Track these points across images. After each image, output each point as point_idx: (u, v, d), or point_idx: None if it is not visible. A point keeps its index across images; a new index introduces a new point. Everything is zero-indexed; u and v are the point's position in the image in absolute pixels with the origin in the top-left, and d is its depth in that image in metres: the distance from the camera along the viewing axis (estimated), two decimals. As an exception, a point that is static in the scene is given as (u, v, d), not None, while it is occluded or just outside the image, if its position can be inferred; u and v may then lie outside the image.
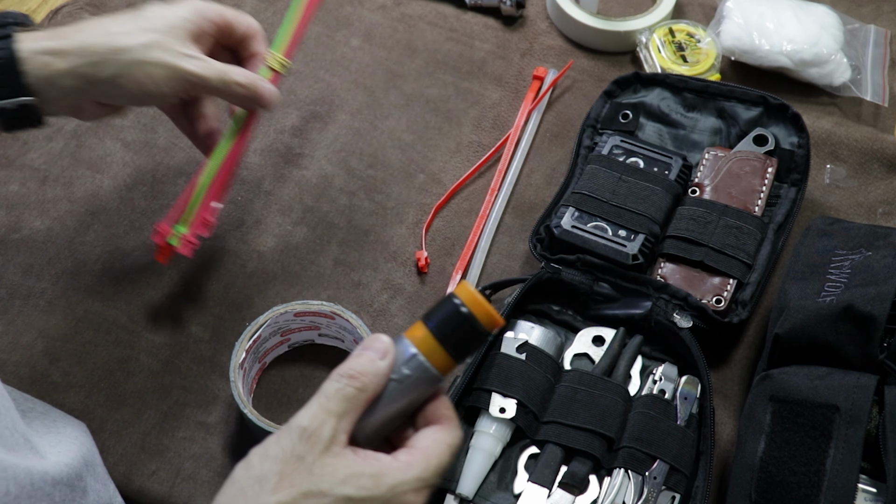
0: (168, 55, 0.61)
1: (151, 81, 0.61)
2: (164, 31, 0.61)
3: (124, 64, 0.60)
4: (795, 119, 0.79)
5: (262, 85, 0.66)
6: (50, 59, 0.59)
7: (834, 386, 0.59)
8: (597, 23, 0.92)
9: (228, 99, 0.66)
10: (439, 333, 0.49)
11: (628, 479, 0.64)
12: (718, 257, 0.72)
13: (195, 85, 0.62)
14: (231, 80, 0.64)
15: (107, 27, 0.61)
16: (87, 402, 0.70)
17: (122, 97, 0.63)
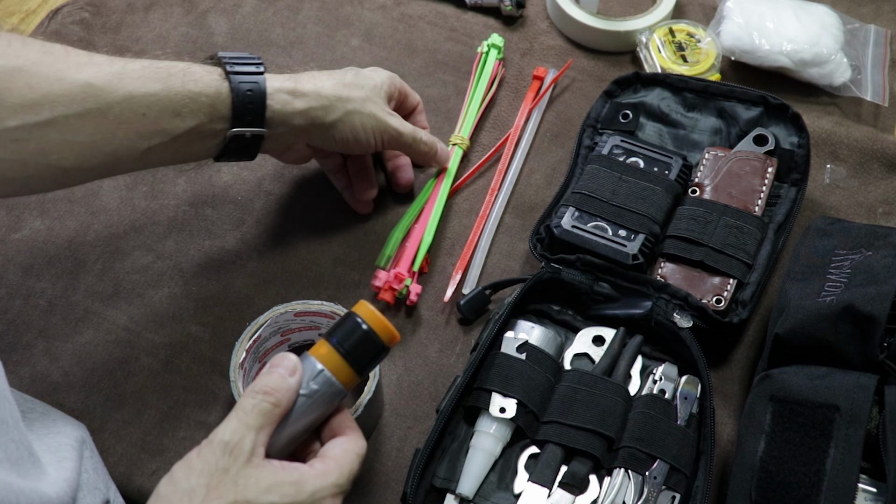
0: (378, 110, 0.71)
1: (363, 129, 0.71)
2: (372, 89, 0.72)
3: (346, 112, 0.69)
4: (795, 119, 0.79)
5: (441, 146, 0.79)
6: (289, 98, 0.67)
7: (834, 386, 0.59)
8: (597, 23, 0.92)
9: (411, 153, 0.77)
10: (342, 349, 0.53)
11: (628, 478, 0.64)
12: (718, 257, 0.72)
13: (392, 138, 0.73)
14: (419, 139, 0.75)
15: (334, 78, 0.70)
16: (87, 402, 0.70)
17: (335, 141, 0.70)
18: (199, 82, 0.62)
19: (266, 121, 0.65)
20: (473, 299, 0.75)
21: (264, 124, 0.65)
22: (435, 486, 0.65)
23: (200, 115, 0.62)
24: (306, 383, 0.53)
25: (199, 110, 0.62)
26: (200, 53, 0.91)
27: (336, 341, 0.53)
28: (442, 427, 0.64)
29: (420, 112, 0.82)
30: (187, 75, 0.62)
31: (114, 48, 0.91)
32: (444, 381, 0.72)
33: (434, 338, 0.75)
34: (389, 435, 0.70)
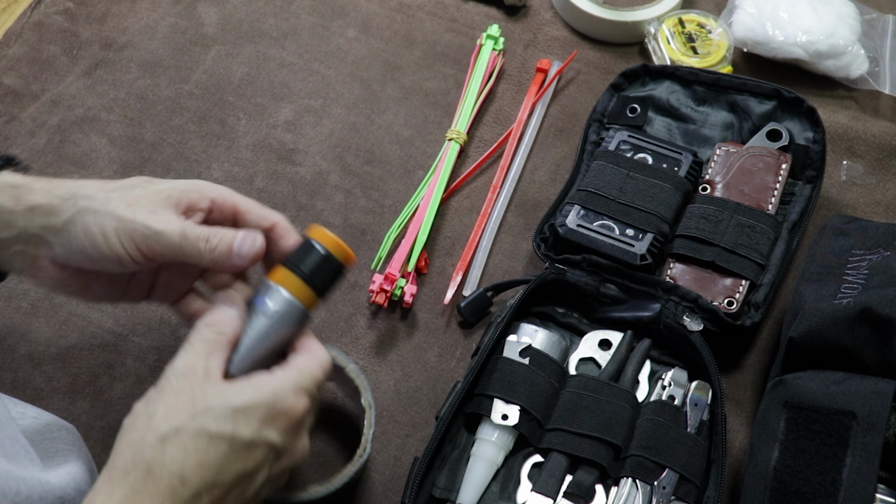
0: (126, 209, 0.55)
1: (100, 232, 0.55)
2: (140, 190, 0.57)
3: (78, 210, 0.55)
4: (811, 113, 0.79)
5: (231, 236, 0.57)
6: (15, 193, 0.56)
7: (851, 392, 0.59)
8: (603, 13, 0.92)
9: (198, 260, 0.57)
10: (299, 270, 0.57)
11: (636, 488, 0.64)
12: (730, 257, 0.72)
13: (150, 240, 0.55)
14: (191, 234, 0.56)
15: (84, 179, 0.58)
16: (72, 408, 0.70)
17: (73, 250, 0.56)
18: None
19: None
20: (474, 301, 0.75)
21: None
22: (434, 497, 0.65)
23: None
24: (266, 306, 0.56)
25: None
26: (190, 45, 0.91)
27: (292, 264, 0.57)
28: (442, 435, 0.64)
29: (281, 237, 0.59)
30: None
31: (100, 40, 0.91)
32: (444, 386, 0.72)
33: (433, 342, 0.75)
34: (387, 443, 0.70)
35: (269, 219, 0.60)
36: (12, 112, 0.86)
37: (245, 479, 0.50)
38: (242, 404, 0.50)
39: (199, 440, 0.49)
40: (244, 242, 0.57)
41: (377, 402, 0.72)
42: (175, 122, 0.86)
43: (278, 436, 0.51)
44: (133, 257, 0.56)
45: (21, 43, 0.91)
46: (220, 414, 0.49)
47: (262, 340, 0.55)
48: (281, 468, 0.53)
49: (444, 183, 0.81)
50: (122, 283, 0.61)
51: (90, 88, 0.88)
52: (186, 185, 0.59)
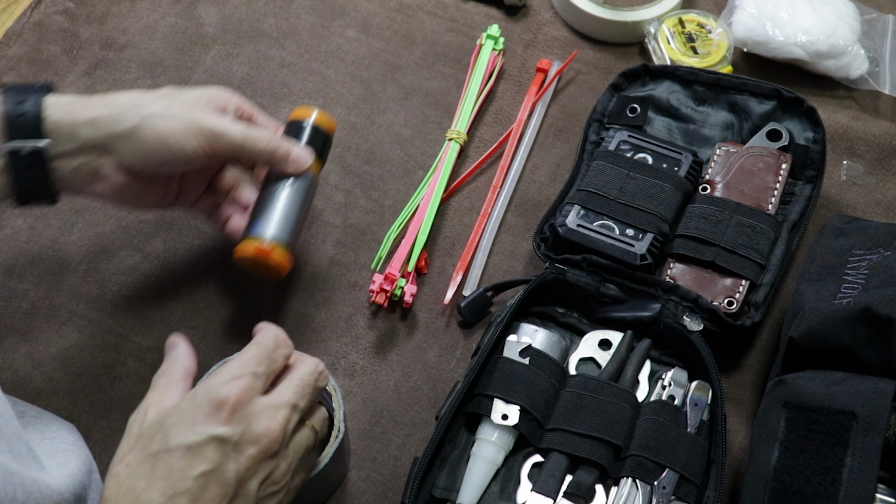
0: (190, 112, 0.63)
1: (171, 133, 0.62)
2: (184, 97, 0.65)
3: (144, 117, 0.62)
4: (811, 113, 0.79)
5: (289, 145, 0.68)
6: (74, 107, 0.61)
7: (851, 391, 0.59)
8: (603, 13, 0.92)
9: (251, 155, 0.67)
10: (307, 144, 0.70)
11: (636, 488, 0.64)
12: (730, 257, 0.72)
13: (217, 138, 0.64)
14: (253, 137, 0.65)
15: (129, 111, 0.62)
16: (72, 408, 0.70)
17: (145, 155, 0.63)
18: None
19: (47, 133, 0.60)
20: (474, 301, 0.75)
21: (41, 135, 0.60)
22: (434, 497, 0.65)
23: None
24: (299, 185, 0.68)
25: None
26: (190, 45, 0.91)
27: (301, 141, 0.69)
28: (442, 435, 0.64)
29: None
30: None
31: (100, 39, 0.91)
32: (444, 386, 0.72)
33: (433, 342, 0.75)
34: (387, 443, 0.70)
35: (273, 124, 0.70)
36: (12, 112, 0.86)
37: (215, 479, 0.49)
38: (174, 417, 0.51)
39: (144, 463, 0.49)
40: (300, 156, 0.68)
41: (377, 402, 0.72)
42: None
43: (226, 428, 0.50)
44: (201, 154, 0.64)
45: (21, 43, 0.91)
46: (157, 433, 0.50)
47: (288, 205, 0.67)
48: (253, 459, 0.51)
49: (444, 183, 0.81)
50: (172, 189, 0.69)
51: (90, 88, 0.88)
52: (213, 91, 0.67)
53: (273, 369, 0.55)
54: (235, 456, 0.50)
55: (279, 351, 0.55)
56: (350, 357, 0.74)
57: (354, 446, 0.70)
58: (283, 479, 0.53)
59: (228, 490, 0.50)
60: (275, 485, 0.53)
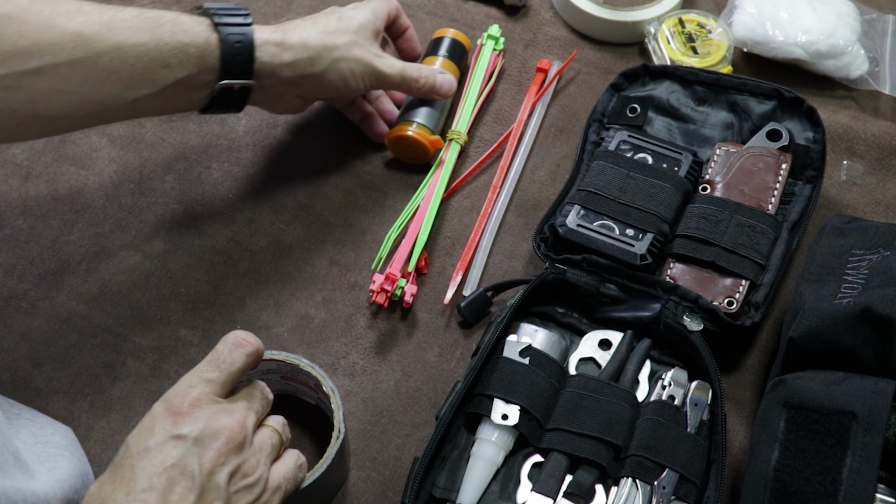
0: (365, 53, 0.75)
1: (352, 75, 0.75)
2: (357, 31, 0.75)
3: (333, 60, 0.73)
4: (811, 113, 0.79)
5: (434, 76, 0.81)
6: (277, 51, 0.70)
7: (851, 391, 0.59)
8: (603, 13, 0.92)
9: (407, 90, 0.80)
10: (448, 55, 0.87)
11: (636, 488, 0.64)
12: (730, 257, 0.72)
13: (380, 79, 0.77)
14: (409, 76, 0.78)
15: (319, 26, 0.74)
16: (72, 408, 0.70)
17: (325, 89, 0.75)
18: (188, 33, 0.65)
19: (254, 73, 0.69)
20: (474, 301, 0.75)
21: (252, 76, 0.69)
22: (434, 496, 0.65)
23: (189, 67, 0.65)
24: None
25: (188, 61, 0.65)
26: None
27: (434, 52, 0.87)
28: (442, 434, 0.64)
29: (409, 38, 0.86)
30: (176, 26, 0.64)
31: None
32: (444, 386, 0.72)
33: (433, 342, 0.75)
34: (387, 443, 0.70)
35: (395, 5, 0.82)
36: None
37: (180, 472, 0.50)
38: (134, 432, 0.52)
39: (109, 474, 0.50)
40: (444, 83, 0.82)
41: (377, 402, 0.72)
42: (175, 121, 0.86)
43: (178, 427, 0.51)
44: (368, 89, 0.78)
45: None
46: (121, 449, 0.51)
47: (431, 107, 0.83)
48: (217, 452, 0.51)
49: (444, 183, 0.81)
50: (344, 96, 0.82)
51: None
52: (372, 15, 0.78)
53: (231, 372, 0.56)
54: (198, 451, 0.51)
55: (236, 352, 0.56)
56: (350, 357, 0.74)
57: (354, 446, 0.70)
58: (257, 473, 0.53)
59: (195, 483, 0.50)
60: (248, 477, 0.53)
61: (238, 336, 0.57)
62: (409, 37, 0.86)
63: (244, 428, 0.53)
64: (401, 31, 0.85)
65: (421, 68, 0.80)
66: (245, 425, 0.54)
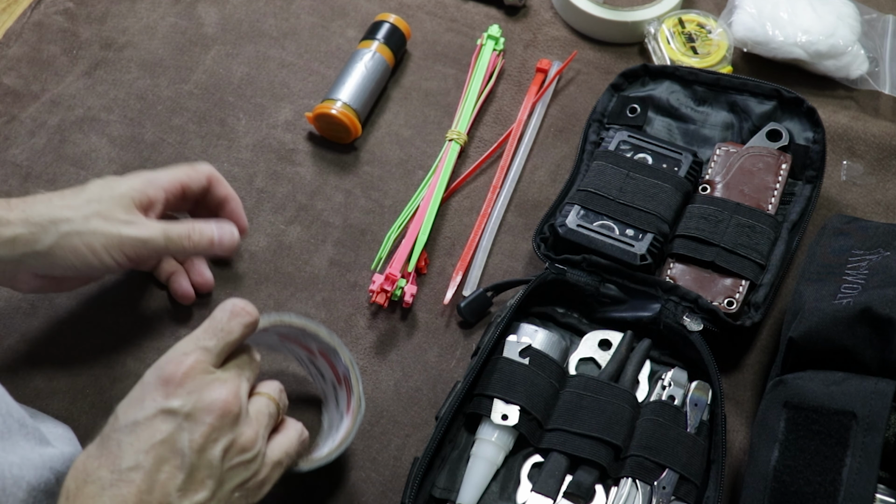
0: (107, 224, 0.63)
1: (91, 250, 0.62)
2: (107, 201, 0.63)
3: (62, 234, 0.61)
4: (810, 113, 0.79)
5: (210, 230, 0.68)
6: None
7: (851, 392, 0.59)
8: (603, 13, 0.92)
9: (182, 254, 0.69)
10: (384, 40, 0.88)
11: (636, 488, 0.64)
12: (730, 257, 0.72)
13: (138, 248, 0.64)
14: (175, 235, 0.66)
15: (52, 199, 0.63)
16: (72, 409, 0.70)
17: (61, 268, 0.63)
18: None
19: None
20: (474, 301, 0.75)
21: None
22: (434, 497, 0.65)
23: None
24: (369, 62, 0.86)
25: None
26: (190, 45, 0.91)
27: (379, 38, 0.88)
28: (441, 435, 0.64)
29: (232, 211, 0.73)
30: None
31: (100, 40, 0.91)
32: (444, 386, 0.72)
33: (433, 342, 0.75)
34: (387, 443, 0.70)
35: (205, 174, 0.71)
36: (12, 112, 0.86)
37: (168, 450, 0.49)
38: (124, 401, 0.51)
39: (96, 447, 0.50)
40: (223, 237, 0.69)
41: (377, 402, 0.72)
42: (175, 122, 0.86)
43: (169, 400, 0.50)
44: (121, 264, 0.64)
45: (21, 43, 0.91)
46: (110, 419, 0.51)
47: (363, 83, 0.85)
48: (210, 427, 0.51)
49: (444, 183, 0.81)
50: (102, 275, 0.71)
51: (90, 88, 0.88)
52: (141, 182, 0.66)
53: (228, 341, 0.55)
54: (190, 426, 0.50)
55: (234, 321, 0.55)
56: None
57: (354, 446, 0.70)
58: (255, 448, 0.53)
59: (185, 461, 0.49)
60: (244, 452, 0.52)
61: (237, 305, 0.56)
62: (233, 210, 0.73)
63: (238, 398, 0.52)
64: (217, 202, 0.73)
65: (194, 223, 0.68)
66: (239, 395, 0.52)
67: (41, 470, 0.53)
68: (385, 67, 0.87)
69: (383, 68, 0.87)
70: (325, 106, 0.83)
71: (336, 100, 0.83)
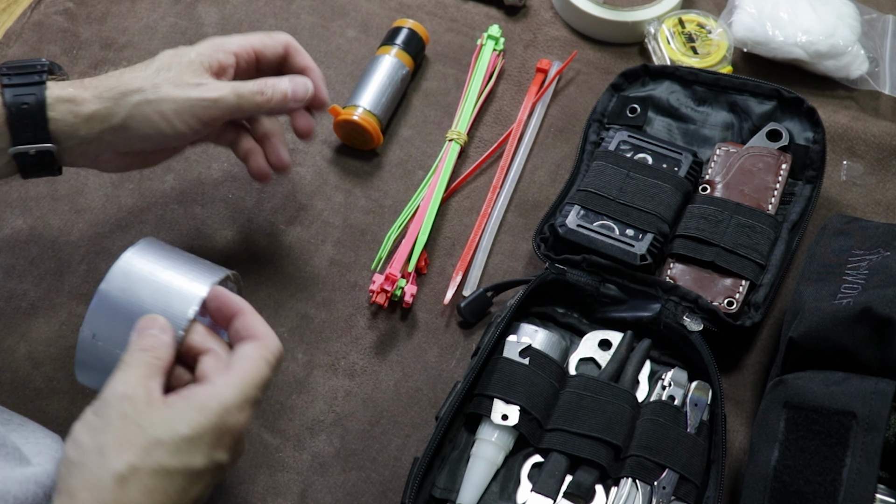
0: (177, 89, 0.63)
1: (163, 118, 0.63)
2: (176, 67, 0.64)
3: (133, 105, 0.62)
4: (810, 113, 0.79)
5: (281, 84, 0.68)
6: (70, 107, 0.62)
7: (851, 392, 0.59)
8: (603, 13, 0.92)
9: (257, 111, 0.68)
10: (403, 46, 0.87)
11: (636, 488, 0.64)
12: (730, 257, 0.72)
13: (210, 109, 0.64)
14: (247, 92, 0.65)
15: (123, 74, 0.64)
16: (72, 409, 0.70)
17: (138, 140, 0.64)
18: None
19: (50, 134, 0.62)
20: (474, 302, 0.75)
21: (49, 139, 0.62)
22: (434, 497, 0.65)
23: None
24: (394, 72, 0.85)
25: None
26: (190, 45, 0.91)
27: (398, 43, 0.87)
28: (441, 435, 0.64)
29: (293, 55, 0.71)
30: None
31: (100, 40, 0.91)
32: (444, 387, 0.72)
33: (433, 342, 0.75)
34: (387, 443, 0.70)
35: (282, 41, 0.70)
36: (12, 112, 0.86)
37: (197, 500, 0.51)
38: (191, 432, 0.49)
39: (156, 478, 0.48)
40: (297, 88, 0.69)
41: (377, 402, 0.72)
42: (175, 122, 0.86)
43: (226, 455, 0.51)
44: (196, 129, 0.64)
45: (21, 43, 0.91)
46: (172, 446, 0.49)
47: (388, 89, 0.84)
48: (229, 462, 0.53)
49: (444, 183, 0.81)
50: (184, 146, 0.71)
51: (90, 88, 0.88)
52: (210, 47, 0.66)
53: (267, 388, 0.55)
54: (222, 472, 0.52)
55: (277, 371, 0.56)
56: (350, 357, 0.74)
57: (354, 447, 0.70)
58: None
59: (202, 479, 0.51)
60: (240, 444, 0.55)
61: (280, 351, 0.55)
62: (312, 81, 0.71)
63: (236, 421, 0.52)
64: (296, 72, 0.71)
65: (266, 79, 0.67)
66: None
67: (25, 484, 0.53)
68: (406, 74, 0.87)
69: (405, 75, 0.86)
70: (348, 112, 0.82)
71: (358, 106, 0.82)
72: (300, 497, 0.67)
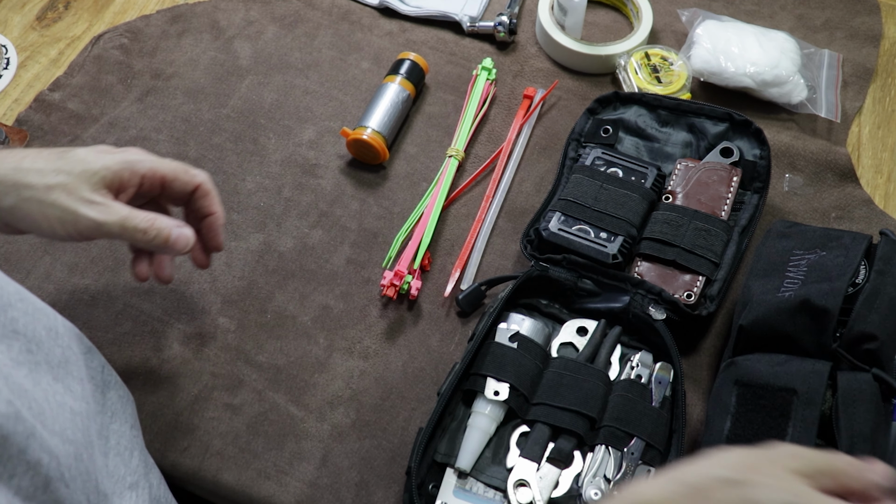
0: (69, 199, 0.55)
1: (45, 221, 0.55)
2: (76, 175, 0.55)
3: (22, 199, 0.54)
4: (758, 133, 0.79)
5: (169, 230, 0.57)
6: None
7: (792, 371, 0.59)
8: (580, 48, 0.92)
9: (133, 242, 0.58)
10: (407, 76, 0.88)
11: (609, 454, 0.64)
12: (689, 257, 0.72)
13: (91, 229, 0.55)
14: (132, 227, 0.56)
15: (22, 162, 0.55)
16: (127, 386, 0.70)
17: (15, 228, 0.56)
18: None
19: None
20: (470, 294, 0.75)
21: None
22: (436, 461, 0.65)
23: None
24: (397, 97, 0.85)
25: None
26: (227, 75, 0.91)
27: (401, 73, 0.87)
28: (442, 408, 0.64)
29: (204, 197, 0.62)
30: None
31: (150, 70, 0.91)
32: (445, 367, 0.72)
33: (435, 329, 0.75)
34: (395, 415, 0.70)
35: (194, 181, 0.60)
36: (76, 132, 0.86)
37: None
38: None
39: None
40: (178, 241, 0.58)
41: (387, 381, 0.72)
42: (214, 140, 0.86)
43: None
44: (76, 238, 0.56)
45: (83, 73, 0.91)
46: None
47: (387, 110, 0.84)
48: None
49: (444, 193, 0.81)
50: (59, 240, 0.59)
51: (142, 112, 0.88)
52: (119, 163, 0.57)
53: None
54: None
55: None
56: (364, 342, 0.74)
57: (367, 418, 0.70)
58: None
59: None
60: None
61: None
62: (211, 225, 0.62)
63: None
64: (202, 212, 0.62)
65: (156, 219, 0.57)
66: None
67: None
68: (408, 98, 0.87)
69: (406, 99, 0.86)
70: (359, 132, 0.82)
71: (367, 127, 0.83)
72: (322, 461, 0.67)
